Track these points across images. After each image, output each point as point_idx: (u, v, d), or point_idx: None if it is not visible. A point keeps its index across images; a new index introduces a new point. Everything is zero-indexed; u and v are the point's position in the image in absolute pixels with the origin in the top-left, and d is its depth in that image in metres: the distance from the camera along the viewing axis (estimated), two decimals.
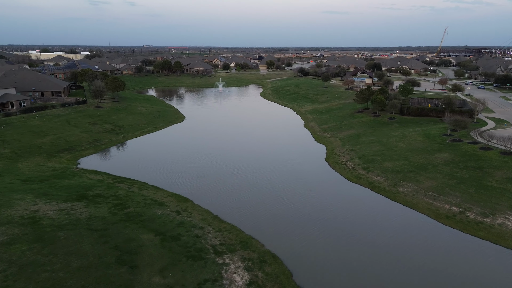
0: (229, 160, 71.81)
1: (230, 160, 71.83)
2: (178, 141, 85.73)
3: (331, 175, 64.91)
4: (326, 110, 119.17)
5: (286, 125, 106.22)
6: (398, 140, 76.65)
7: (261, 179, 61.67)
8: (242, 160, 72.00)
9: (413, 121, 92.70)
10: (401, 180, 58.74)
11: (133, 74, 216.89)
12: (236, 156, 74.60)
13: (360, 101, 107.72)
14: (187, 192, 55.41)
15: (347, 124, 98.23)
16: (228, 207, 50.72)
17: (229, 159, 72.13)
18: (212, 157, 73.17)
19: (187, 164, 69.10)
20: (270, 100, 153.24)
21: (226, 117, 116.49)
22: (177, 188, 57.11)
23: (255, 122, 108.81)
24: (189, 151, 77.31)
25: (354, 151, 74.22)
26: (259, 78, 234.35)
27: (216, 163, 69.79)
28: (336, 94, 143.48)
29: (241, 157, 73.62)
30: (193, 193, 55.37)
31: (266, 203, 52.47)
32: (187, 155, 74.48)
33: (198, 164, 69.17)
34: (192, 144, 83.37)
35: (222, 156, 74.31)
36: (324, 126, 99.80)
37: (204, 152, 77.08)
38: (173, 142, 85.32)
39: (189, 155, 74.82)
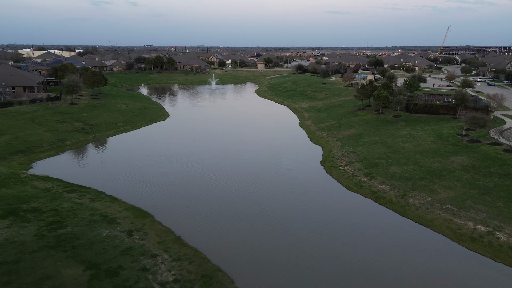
0: (208, 165, 61.64)
1: (210, 165, 61.67)
2: (154, 142, 75.55)
3: (327, 182, 54.66)
4: (324, 108, 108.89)
5: (279, 124, 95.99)
6: (405, 141, 66.36)
7: (243, 190, 51.45)
8: (224, 165, 61.80)
9: (421, 119, 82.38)
10: (411, 189, 48.44)
11: (124, 71, 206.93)
12: (217, 160, 64.41)
13: (361, 97, 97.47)
14: (150, 205, 45.25)
15: (346, 122, 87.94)
16: (196, 226, 40.53)
17: (209, 164, 61.97)
18: (189, 161, 63.00)
19: (158, 169, 58.94)
20: (265, 97, 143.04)
21: (215, 115, 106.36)
22: (139, 199, 46.98)
23: (245, 121, 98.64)
24: (163, 154, 67.15)
25: (354, 154, 63.98)
26: (256, 76, 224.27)
27: (193, 168, 59.62)
28: (335, 91, 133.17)
29: (223, 162, 63.43)
30: (156, 205, 45.20)
31: (244, 221, 42.26)
32: (160, 159, 64.33)
33: (171, 169, 59.02)
34: (169, 145, 73.21)
35: (201, 160, 64.15)
36: (321, 125, 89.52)
37: (181, 155, 66.92)
38: (149, 142, 75.15)
39: (163, 158, 64.67)
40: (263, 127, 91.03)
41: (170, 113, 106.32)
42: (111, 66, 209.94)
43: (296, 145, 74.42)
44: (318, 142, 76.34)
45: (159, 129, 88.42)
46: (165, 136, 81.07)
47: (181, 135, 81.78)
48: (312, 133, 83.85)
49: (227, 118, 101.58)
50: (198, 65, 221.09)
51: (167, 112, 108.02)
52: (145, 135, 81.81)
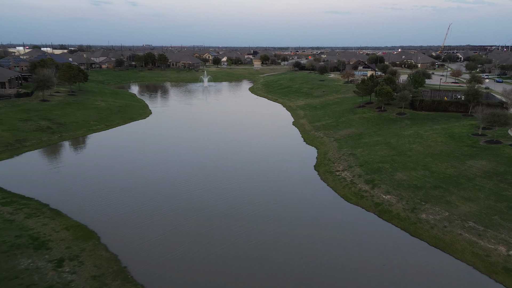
0: (182, 171, 52.84)
1: (184, 171, 52.87)
2: (126, 143, 66.74)
3: (321, 191, 45.83)
4: (321, 105, 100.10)
5: (271, 123, 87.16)
6: (413, 142, 57.56)
7: (218, 202, 42.62)
8: (200, 171, 52.98)
9: (428, 117, 73.61)
10: (422, 200, 39.63)
11: (113, 68, 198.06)
12: (194, 165, 55.61)
13: (361, 93, 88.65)
14: (100, 222, 36.44)
15: (345, 121, 79.12)
16: (150, 251, 31.75)
17: (183, 170, 53.18)
18: (160, 167, 54.19)
19: (122, 177, 50.14)
20: (258, 95, 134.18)
21: (202, 113, 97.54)
22: (89, 214, 38.17)
23: (233, 120, 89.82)
24: (132, 158, 58.33)
25: (353, 156, 55.16)
26: (252, 73, 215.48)
27: (164, 175, 50.81)
28: (333, 87, 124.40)
29: (200, 167, 54.61)
30: (109, 223, 36.39)
31: (214, 244, 33.48)
32: (127, 164, 55.50)
33: (137, 177, 50.20)
34: (142, 147, 64.39)
35: (175, 165, 55.36)
36: (317, 124, 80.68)
37: (153, 159, 58.10)
38: (120, 144, 66.32)
39: (131, 163, 55.83)
40: (252, 126, 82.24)
41: (154, 111, 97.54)
42: (100, 63, 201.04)
43: (287, 147, 65.58)
44: (312, 143, 67.51)
45: (137, 128, 79.55)
46: (140, 136, 72.21)
47: (159, 135, 72.94)
48: (307, 132, 75.01)
49: (214, 117, 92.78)
50: (191, 62, 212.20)
51: (150, 110, 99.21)
52: (118, 135, 72.92)
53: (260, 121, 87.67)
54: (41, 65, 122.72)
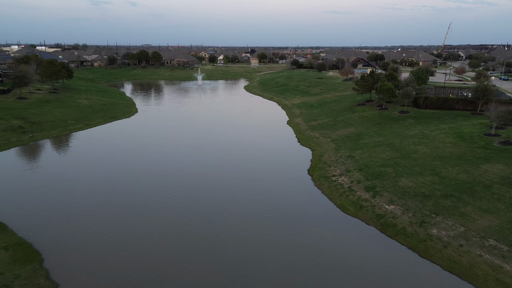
0: (157, 176, 47.01)
1: (159, 177, 47.03)
2: (103, 144, 60.91)
3: (314, 199, 39.99)
4: (318, 104, 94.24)
5: (264, 122, 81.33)
6: (418, 142, 51.70)
7: (193, 215, 36.83)
8: (180, 177, 47.16)
9: (434, 116, 67.79)
10: (432, 212, 33.79)
11: (105, 66, 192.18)
12: (171, 170, 49.78)
13: (361, 91, 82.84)
14: (49, 239, 30.61)
15: (343, 120, 73.24)
16: (103, 278, 25.89)
17: (158, 176, 47.34)
18: (136, 172, 48.36)
19: (88, 183, 44.31)
20: (253, 93, 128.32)
21: (191, 112, 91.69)
22: (38, 229, 32.33)
23: (224, 119, 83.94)
24: (105, 161, 52.50)
25: (352, 159, 49.31)
26: (248, 72, 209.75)
27: (138, 182, 44.98)
28: (332, 85, 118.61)
29: (181, 173, 48.80)
30: (59, 241, 30.55)
31: (182, 269, 27.65)
32: (97, 168, 49.68)
33: (107, 183, 44.39)
34: (119, 148, 58.58)
35: (152, 170, 49.52)
36: (313, 123, 74.80)
37: (128, 162, 52.27)
38: (95, 145, 60.46)
39: (102, 167, 50.00)
40: (243, 126, 76.37)
41: (140, 110, 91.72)
42: (92, 61, 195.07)
43: (280, 148, 59.70)
44: (307, 143, 61.64)
45: (118, 128, 73.66)
46: (120, 136, 66.34)
47: (141, 135, 67.08)
48: (301, 132, 69.15)
49: (204, 116, 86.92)
50: (186, 60, 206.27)
51: (136, 108, 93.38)
52: (96, 136, 67.00)
53: (253, 121, 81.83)
54: (24, 62, 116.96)
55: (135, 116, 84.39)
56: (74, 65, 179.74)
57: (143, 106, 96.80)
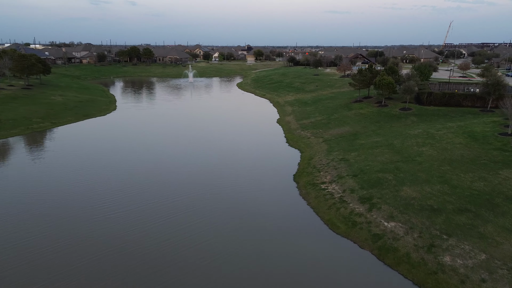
0: (114, 183, 39.94)
1: (116, 184, 39.97)
2: (66, 146, 53.86)
3: (298, 214, 32.86)
4: (312, 101, 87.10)
5: (252, 120, 74.22)
6: (422, 143, 44.56)
7: (151, 241, 29.75)
8: (135, 186, 40.08)
9: (439, 113, 60.69)
10: (443, 232, 26.71)
11: (94, 63, 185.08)
12: (132, 175, 42.72)
13: (358, 86, 75.77)
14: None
15: (338, 118, 66.10)
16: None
17: (115, 183, 40.28)
18: (96, 177, 41.30)
19: (33, 194, 37.24)
20: (246, 90, 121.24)
21: (174, 109, 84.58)
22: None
23: (208, 117, 76.82)
24: (60, 167, 45.42)
25: (345, 163, 42.19)
26: (244, 69, 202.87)
27: (88, 190, 37.91)
28: (328, 82, 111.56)
29: (148, 179, 41.73)
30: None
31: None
32: (51, 175, 42.60)
33: (54, 191, 37.33)
34: (82, 151, 51.51)
35: (116, 176, 42.46)
36: (304, 121, 67.68)
37: (88, 166, 45.18)
38: (55, 147, 53.37)
39: (56, 174, 42.93)
40: (228, 125, 69.24)
41: (120, 107, 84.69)
42: (80, 58, 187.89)
43: (265, 150, 52.56)
44: (296, 144, 54.52)
45: (89, 126, 66.51)
46: (89, 136, 59.24)
47: (112, 136, 60.04)
48: (291, 132, 62.03)
49: (186, 114, 79.84)
50: (179, 57, 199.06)
51: (115, 105, 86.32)
52: (60, 136, 59.85)
53: (239, 119, 74.70)
54: (0, 56, 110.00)
55: (112, 114, 77.27)
56: (61, 61, 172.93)
57: (124, 104, 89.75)
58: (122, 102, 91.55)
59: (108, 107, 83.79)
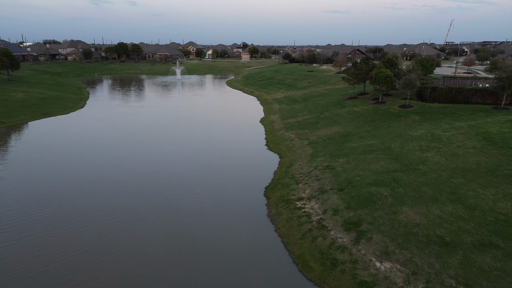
0: (52, 193, 31.56)
1: (48, 193, 31.58)
2: (9, 149, 45.48)
3: (259, 244, 24.39)
4: (302, 98, 78.70)
5: (232, 120, 65.78)
6: (427, 147, 36.08)
7: (68, 268, 21.34)
8: (64, 198, 31.70)
9: (444, 111, 52.24)
10: (462, 283, 18.31)
11: (79, 60, 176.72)
12: (68, 184, 34.32)
13: (353, 81, 67.41)
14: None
15: (328, 116, 57.68)
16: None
17: (48, 192, 31.89)
18: (36, 185, 32.90)
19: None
20: (234, 87, 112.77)
21: (150, 108, 76.11)
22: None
23: (183, 117, 68.45)
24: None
25: (331, 171, 33.75)
26: (237, 67, 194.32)
27: (20, 202, 29.51)
28: (322, 78, 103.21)
29: (72, 191, 33.35)
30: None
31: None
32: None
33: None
34: (28, 155, 43.13)
35: (47, 182, 34.07)
36: (291, 121, 59.25)
37: (29, 174, 36.79)
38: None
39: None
40: (204, 126, 60.80)
41: (90, 105, 76.38)
42: (66, 55, 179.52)
43: (239, 155, 44.11)
44: (277, 147, 46.10)
45: (45, 126, 58.09)
46: (40, 138, 50.84)
47: (63, 137, 51.63)
48: (274, 132, 53.59)
49: (162, 112, 71.43)
50: (169, 53, 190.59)
51: (85, 103, 77.99)
52: (5, 137, 51.51)
53: (219, 118, 66.25)
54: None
55: (77, 112, 68.86)
56: (43, 58, 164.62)
57: (96, 101, 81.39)
58: (94, 100, 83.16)
59: (76, 105, 75.35)
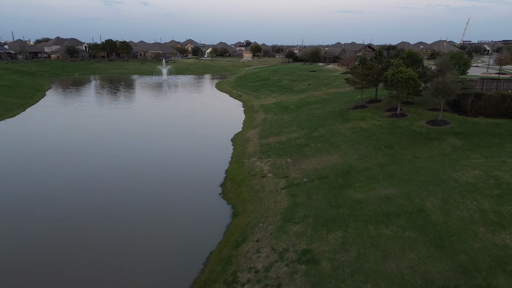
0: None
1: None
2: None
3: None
4: (296, 105, 61.53)
5: (197, 135, 48.68)
6: (496, 214, 18.69)
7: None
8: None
9: (500, 131, 34.49)
10: None
11: (63, 58, 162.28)
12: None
13: (360, 84, 49.89)
14: None
15: (324, 135, 40.35)
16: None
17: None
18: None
19: None
20: (222, 89, 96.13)
21: (107, 111, 59.82)
22: None
23: (140, 127, 51.84)
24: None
25: (307, 274, 16.75)
26: (236, 66, 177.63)
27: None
28: (324, 79, 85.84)
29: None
30: None
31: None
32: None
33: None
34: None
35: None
36: (271, 140, 42.12)
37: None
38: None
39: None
40: (153, 144, 44.02)
41: (27, 113, 60.66)
42: (49, 53, 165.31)
43: (174, 207, 27.30)
44: (236, 192, 29.09)
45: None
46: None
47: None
48: (242, 160, 36.56)
49: (119, 119, 55.05)
50: (162, 52, 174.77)
51: (23, 110, 62.27)
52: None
53: (180, 133, 49.45)
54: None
55: (16, 118, 53.02)
56: (21, 56, 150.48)
57: (41, 108, 65.65)
58: (39, 107, 67.37)
59: (6, 113, 59.53)
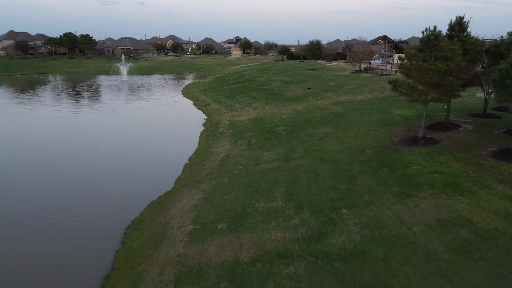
0: None
1: None
2: None
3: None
4: (288, 126, 35.17)
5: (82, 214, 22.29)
6: None
7: None
8: None
9: None
10: None
11: (13, 55, 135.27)
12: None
13: (425, 95, 23.61)
14: None
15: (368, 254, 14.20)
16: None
17: None
18: None
19: None
20: (188, 94, 69.77)
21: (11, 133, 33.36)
22: None
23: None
24: None
25: None
26: (221, 64, 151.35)
27: None
28: (330, 80, 60.01)
29: None
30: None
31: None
32: None
33: None
34: None
35: None
36: (209, 256, 15.99)
37: None
38: None
39: None
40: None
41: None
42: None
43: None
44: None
45: None
46: None
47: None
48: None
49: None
50: (133, 48, 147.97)
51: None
52: None
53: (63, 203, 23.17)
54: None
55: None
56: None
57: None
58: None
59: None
